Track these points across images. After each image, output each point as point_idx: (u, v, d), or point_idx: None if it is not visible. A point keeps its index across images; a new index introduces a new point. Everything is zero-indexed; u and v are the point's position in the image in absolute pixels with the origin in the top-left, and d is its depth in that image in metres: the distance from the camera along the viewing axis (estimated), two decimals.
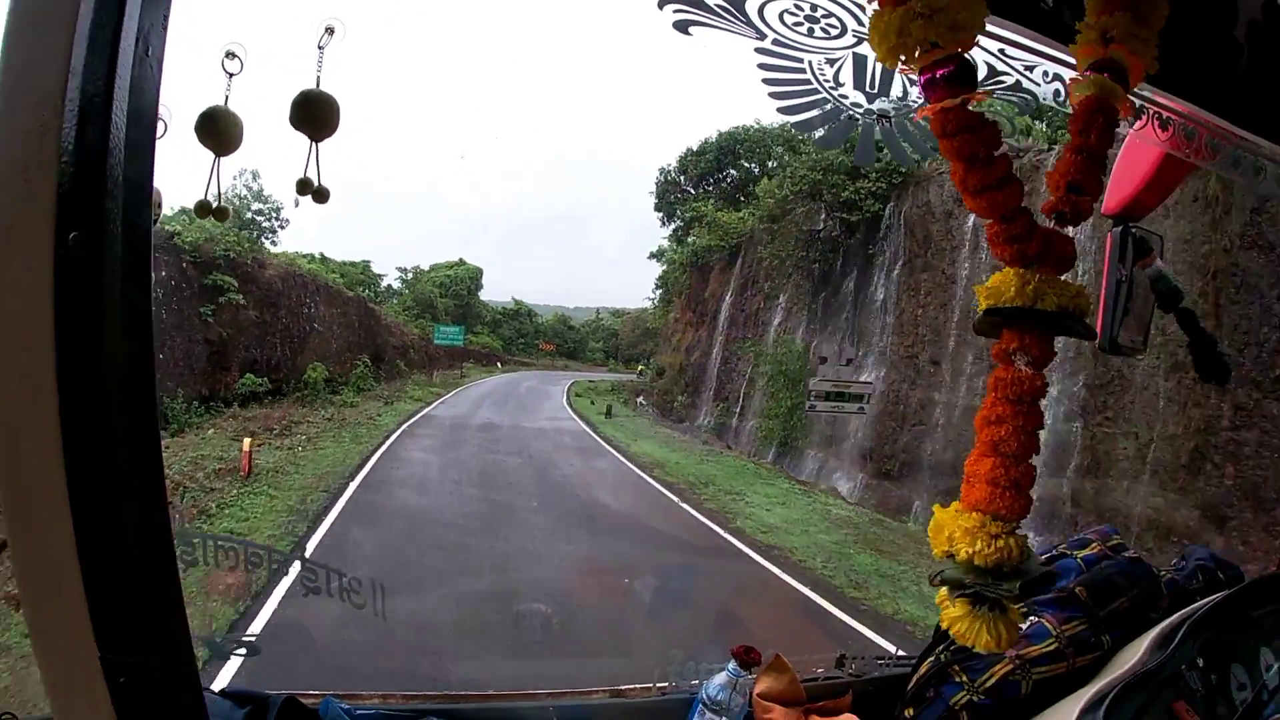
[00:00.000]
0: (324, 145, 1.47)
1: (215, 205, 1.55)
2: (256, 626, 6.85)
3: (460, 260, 63.00)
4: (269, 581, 7.49)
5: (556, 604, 8.20)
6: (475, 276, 62.25)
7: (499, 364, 56.71)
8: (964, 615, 1.07)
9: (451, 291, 58.48)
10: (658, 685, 1.73)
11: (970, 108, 1.13)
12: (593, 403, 37.27)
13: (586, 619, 8.17)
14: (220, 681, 5.29)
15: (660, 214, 48.72)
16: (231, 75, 1.46)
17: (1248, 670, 1.63)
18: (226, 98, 1.45)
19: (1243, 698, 1.59)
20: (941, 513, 1.10)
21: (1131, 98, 1.62)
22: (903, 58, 1.12)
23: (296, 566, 1.92)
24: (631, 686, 1.74)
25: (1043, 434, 1.13)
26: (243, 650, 1.64)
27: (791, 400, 24.12)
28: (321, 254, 43.94)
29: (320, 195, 1.52)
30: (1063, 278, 1.14)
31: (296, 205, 1.52)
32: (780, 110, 1.44)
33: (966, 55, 1.12)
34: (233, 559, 1.62)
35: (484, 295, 64.49)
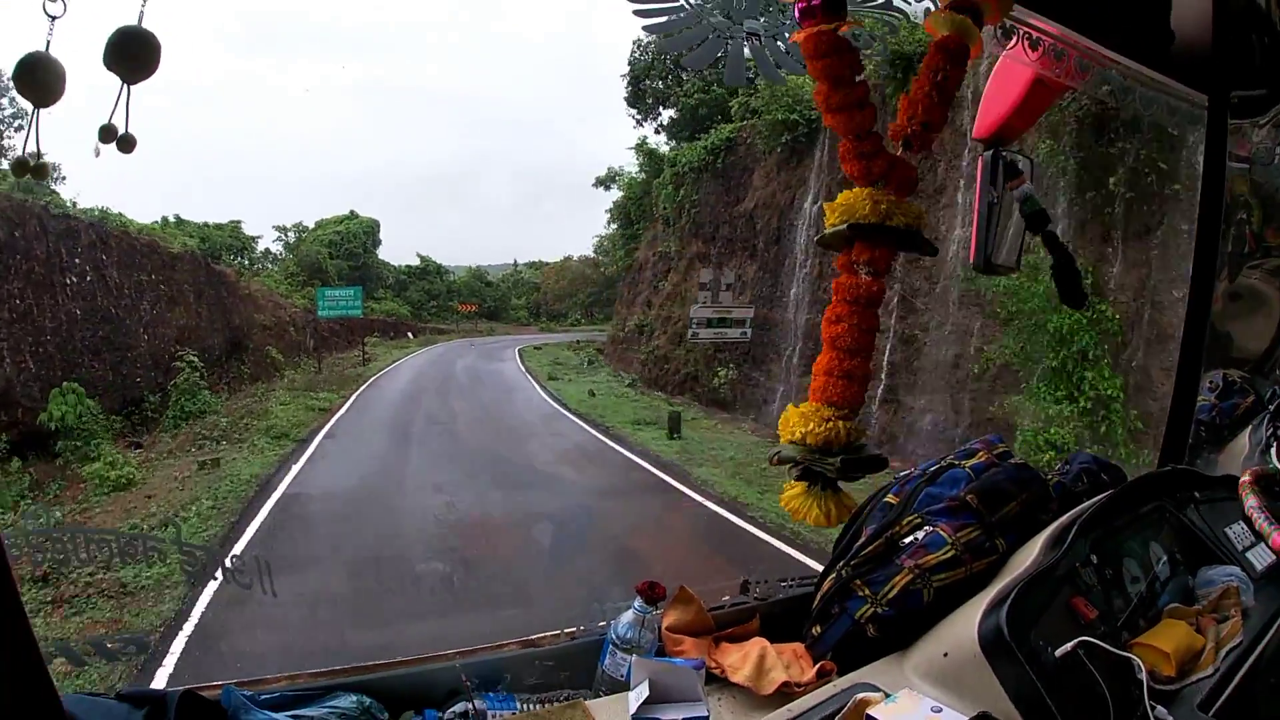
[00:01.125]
0: (137, 88, 1.24)
1: (34, 162, 1.31)
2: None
3: (351, 213, 51.13)
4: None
5: None
6: (371, 231, 50.62)
7: (410, 334, 46.51)
8: (798, 494, 1.13)
9: (344, 250, 47.93)
10: (566, 631, 1.56)
11: (840, 33, 1.13)
12: (591, 393, 23.26)
13: None
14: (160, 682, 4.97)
15: (635, 111, 35.70)
16: (54, 18, 1.22)
17: (1139, 563, 1.55)
18: (48, 43, 1.22)
19: (1136, 590, 1.52)
20: (790, 408, 1.14)
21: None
22: None
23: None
24: (542, 635, 1.57)
25: None
26: (132, 648, 1.42)
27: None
28: (177, 216, 34.82)
29: (126, 143, 1.27)
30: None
31: (98, 155, 1.27)
32: (646, 29, 1.31)
33: None
34: (107, 552, 1.39)
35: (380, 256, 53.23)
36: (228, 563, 1.46)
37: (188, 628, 6.02)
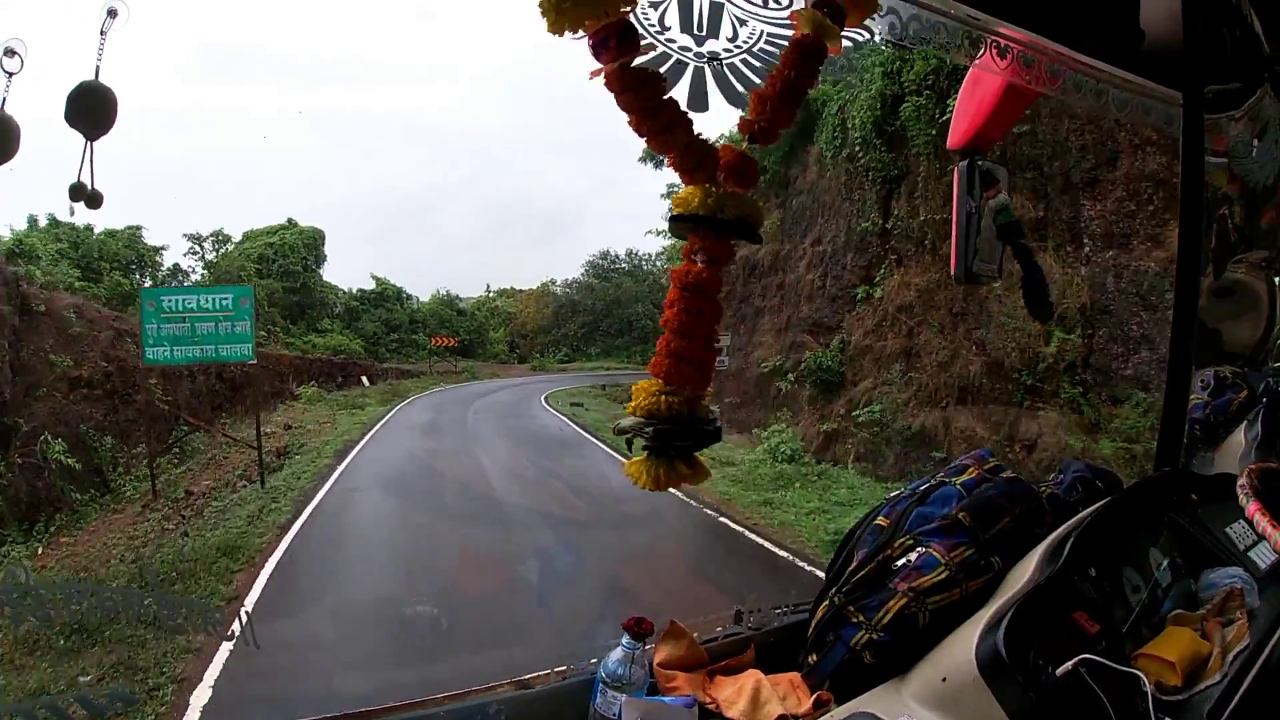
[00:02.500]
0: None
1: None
2: None
3: (289, 222, 39.69)
4: None
5: None
6: (313, 244, 39.90)
7: (365, 380, 33.31)
8: (638, 463, 1.14)
9: (278, 268, 37.43)
10: (557, 670, 1.51)
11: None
12: None
13: None
14: None
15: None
16: (11, 75, 1.21)
17: (1139, 571, 1.50)
18: (4, 100, 1.20)
19: (1138, 599, 1.47)
20: (640, 384, 1.17)
21: (969, 28, 1.50)
22: (568, 30, 1.12)
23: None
24: (534, 675, 1.52)
25: None
26: (119, 704, 1.38)
27: None
28: (52, 217, 24.73)
29: (93, 200, 1.27)
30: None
31: (72, 214, 1.29)
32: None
33: (629, 18, 1.14)
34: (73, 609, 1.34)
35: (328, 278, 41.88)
36: None
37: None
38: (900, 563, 1.47)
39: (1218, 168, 2.05)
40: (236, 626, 1.41)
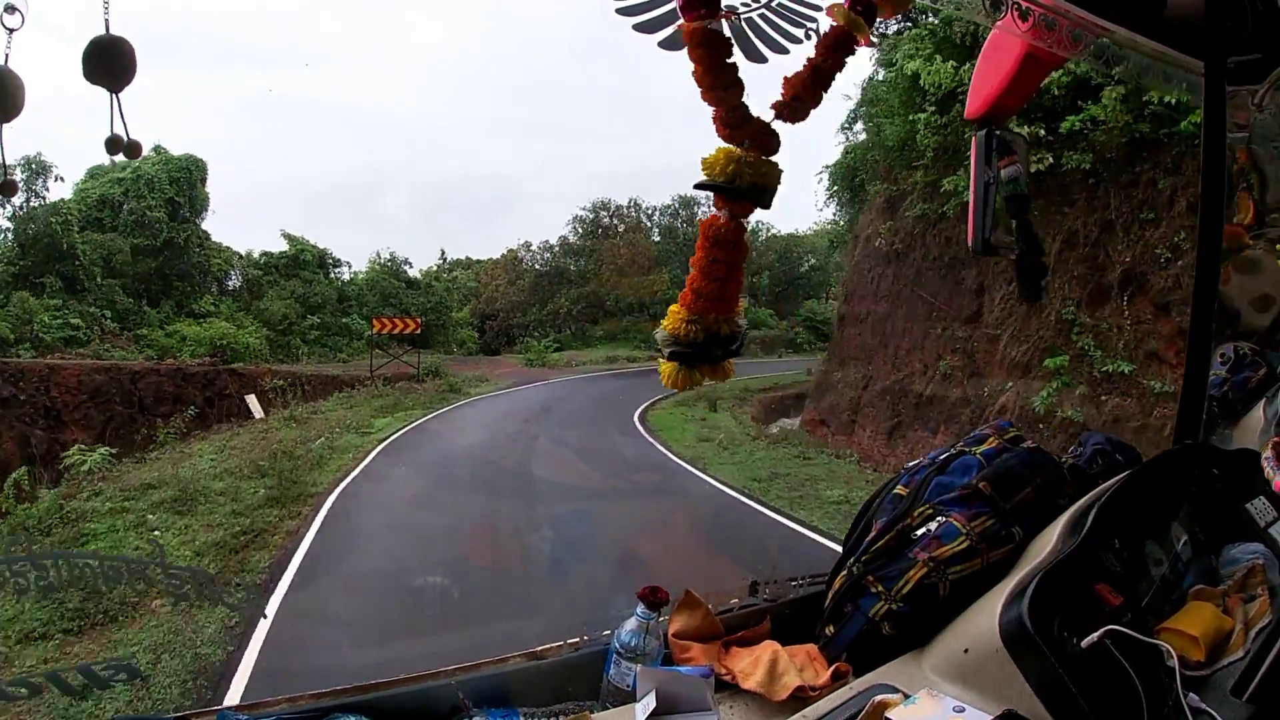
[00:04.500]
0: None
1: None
2: None
3: (156, 149, 27.26)
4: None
5: None
6: (188, 179, 27.15)
7: (253, 405, 18.98)
8: (668, 368, 1.28)
9: (128, 218, 25.76)
10: (570, 641, 1.48)
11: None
12: None
13: None
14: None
15: None
16: (12, 31, 1.17)
17: (1160, 545, 1.47)
18: (6, 56, 1.17)
19: (1160, 572, 1.44)
20: (672, 308, 1.31)
21: None
22: None
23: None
24: (546, 646, 1.49)
25: None
26: (123, 675, 1.34)
27: None
28: None
29: (132, 150, 1.26)
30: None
31: (112, 163, 1.24)
32: (619, 11, 1.23)
33: None
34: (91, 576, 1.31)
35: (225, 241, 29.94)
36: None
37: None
38: (920, 532, 1.43)
39: (1239, 142, 2.00)
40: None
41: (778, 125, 1.30)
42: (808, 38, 1.29)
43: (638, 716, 1.19)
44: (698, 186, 1.30)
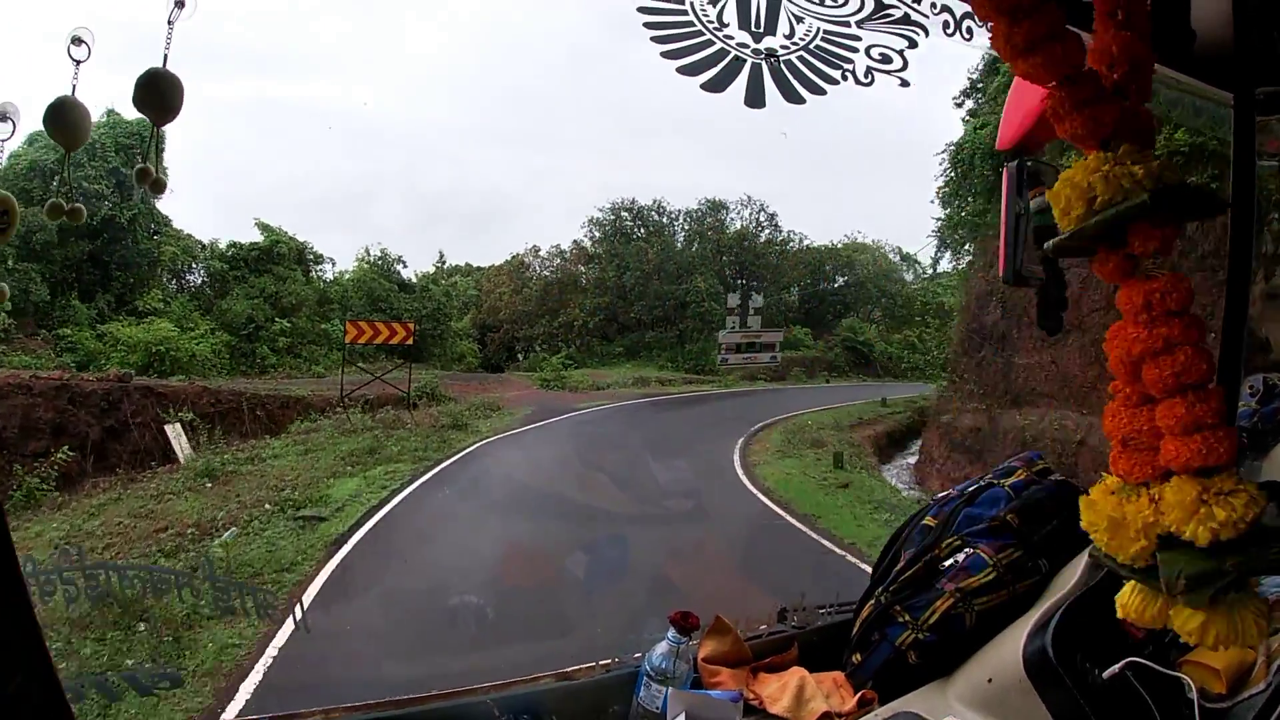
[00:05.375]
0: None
1: (69, 205, 1.30)
2: None
3: (109, 114, 20.80)
4: None
5: None
6: (145, 143, 19.46)
7: (177, 438, 13.32)
8: (1216, 618, 0.79)
9: (58, 191, 1.77)
10: (601, 663, 1.51)
11: None
12: None
13: None
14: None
15: None
16: (79, 62, 1.22)
17: None
18: (74, 87, 1.22)
19: None
20: (1101, 502, 0.83)
21: None
22: None
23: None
24: (577, 668, 1.52)
25: None
26: (165, 682, 1.40)
27: None
28: None
29: (158, 186, 1.28)
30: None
31: (137, 197, 1.28)
32: (664, 55, 1.26)
33: None
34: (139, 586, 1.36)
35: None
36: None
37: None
38: (948, 563, 1.46)
39: (1269, 170, 2.00)
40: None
41: None
42: (844, 79, 1.31)
43: None
44: (1059, 249, 0.91)
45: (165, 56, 1.22)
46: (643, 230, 36.32)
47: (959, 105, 17.69)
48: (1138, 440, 0.85)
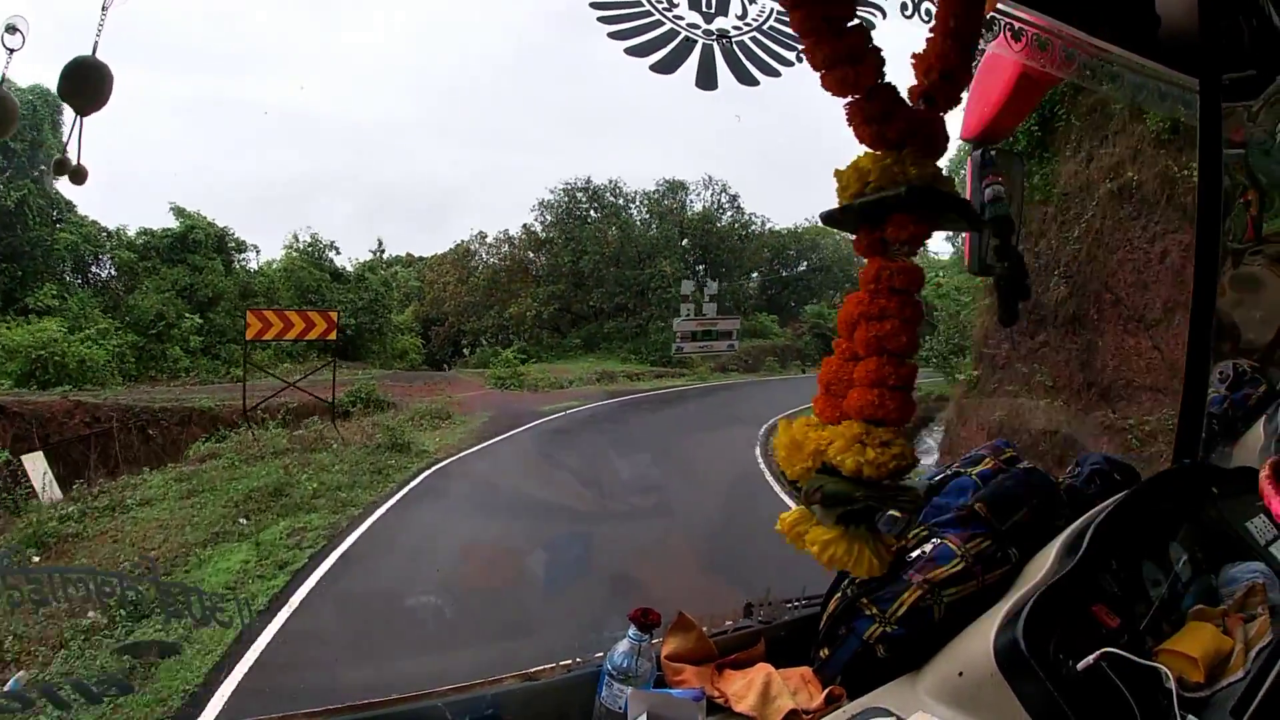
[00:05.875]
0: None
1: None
2: None
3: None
4: None
5: None
6: (38, 113, 17.51)
7: (36, 474, 9.63)
8: (838, 538, 0.94)
9: None
10: (562, 664, 1.47)
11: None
12: None
13: None
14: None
15: None
16: (12, 51, 1.18)
17: (1159, 565, 1.45)
18: (4, 76, 1.18)
19: (1158, 593, 1.42)
20: (795, 427, 0.94)
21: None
22: None
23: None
24: (539, 668, 1.47)
25: None
26: (114, 690, 1.34)
27: None
28: None
29: (77, 175, 1.24)
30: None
31: (51, 190, 1.24)
32: (611, 35, 1.22)
33: None
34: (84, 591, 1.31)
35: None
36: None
37: None
38: (915, 554, 1.42)
39: (1235, 159, 2.00)
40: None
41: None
42: (799, 60, 1.28)
43: None
44: (827, 218, 1.01)
45: (95, 45, 1.18)
46: (599, 212, 33.02)
47: None
48: (836, 388, 0.99)
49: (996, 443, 1.66)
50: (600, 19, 1.21)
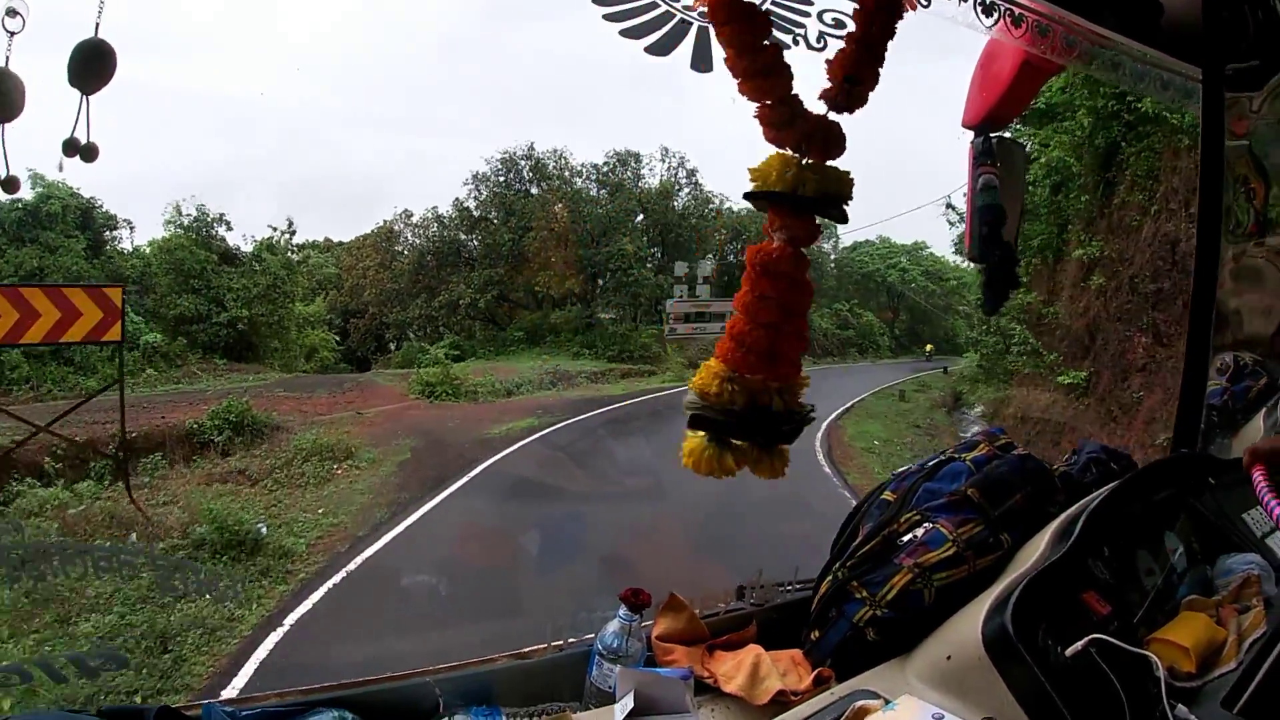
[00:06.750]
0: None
1: (4, 176, 1.26)
2: None
3: None
4: None
5: None
6: None
7: None
8: (693, 442, 1.10)
9: None
10: (554, 644, 1.46)
11: None
12: None
13: None
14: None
15: None
16: (13, 34, 1.18)
17: (1153, 555, 1.43)
18: (7, 59, 1.18)
19: (1152, 582, 1.40)
20: (704, 364, 1.12)
21: None
22: None
23: None
24: (531, 648, 1.47)
25: None
26: (111, 665, 1.35)
27: None
28: None
29: (89, 153, 1.25)
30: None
31: (60, 169, 1.23)
32: (606, 18, 1.22)
33: None
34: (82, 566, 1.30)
35: None
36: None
37: None
38: (906, 538, 1.41)
39: (1239, 150, 1.97)
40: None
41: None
42: (795, 43, 1.26)
43: (616, 716, 1.18)
44: (747, 197, 1.14)
45: (97, 26, 1.19)
46: (542, 186, 28.80)
47: None
48: (722, 338, 1.14)
49: (992, 429, 1.65)
50: (595, 0, 1.20)
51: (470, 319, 27.48)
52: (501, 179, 28.70)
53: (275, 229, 23.46)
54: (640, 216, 29.19)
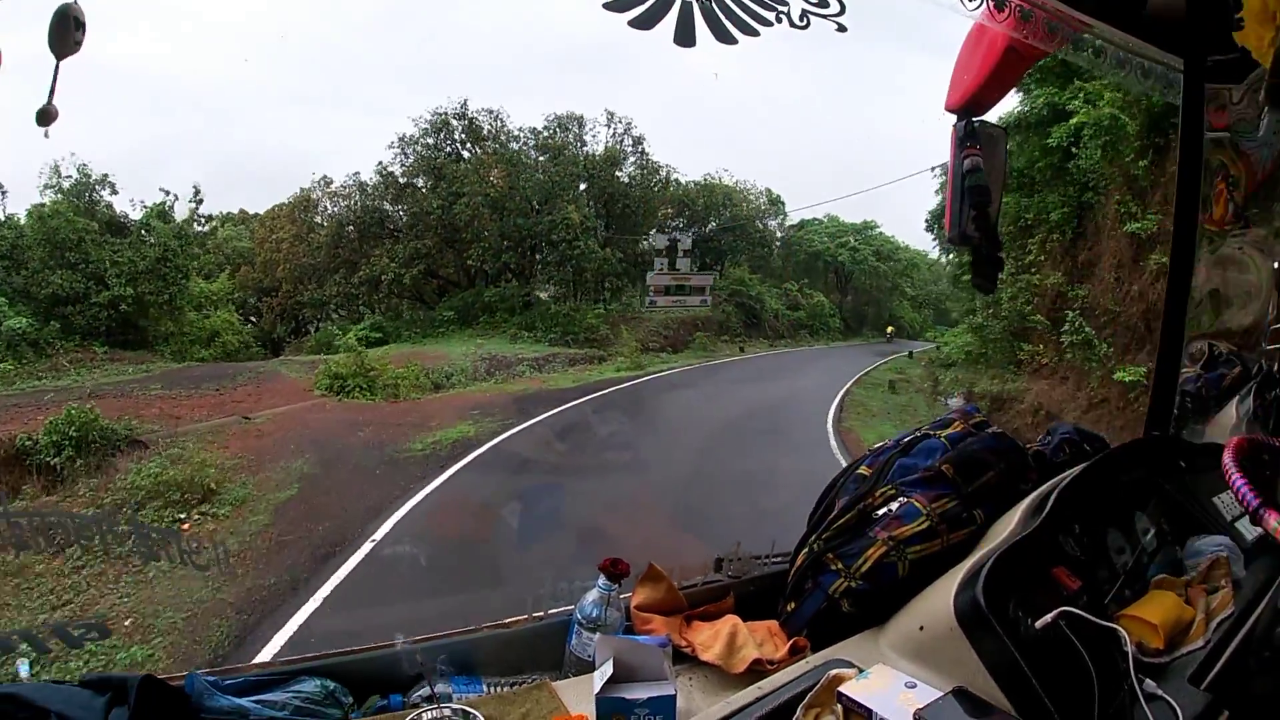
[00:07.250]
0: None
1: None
2: None
3: None
4: None
5: None
6: None
7: None
8: None
9: None
10: (534, 614, 1.47)
11: None
12: None
13: None
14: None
15: None
16: None
17: (1124, 534, 1.45)
18: None
19: (1122, 561, 1.43)
20: None
21: None
22: None
23: None
24: (512, 619, 1.48)
25: None
26: (94, 635, 1.35)
27: None
28: None
29: (45, 116, 1.20)
30: None
31: (47, 136, 1.19)
32: (606, 6, 1.21)
33: None
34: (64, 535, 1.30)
35: None
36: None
37: None
38: (881, 512, 1.43)
39: (1217, 143, 1.99)
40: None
41: None
42: (778, 20, 1.27)
43: (595, 684, 1.19)
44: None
45: None
46: (476, 149, 25.37)
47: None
48: None
49: (967, 407, 1.66)
50: None
51: (395, 297, 25.02)
52: (430, 141, 25.34)
53: (168, 193, 19.73)
54: (584, 185, 26.06)
